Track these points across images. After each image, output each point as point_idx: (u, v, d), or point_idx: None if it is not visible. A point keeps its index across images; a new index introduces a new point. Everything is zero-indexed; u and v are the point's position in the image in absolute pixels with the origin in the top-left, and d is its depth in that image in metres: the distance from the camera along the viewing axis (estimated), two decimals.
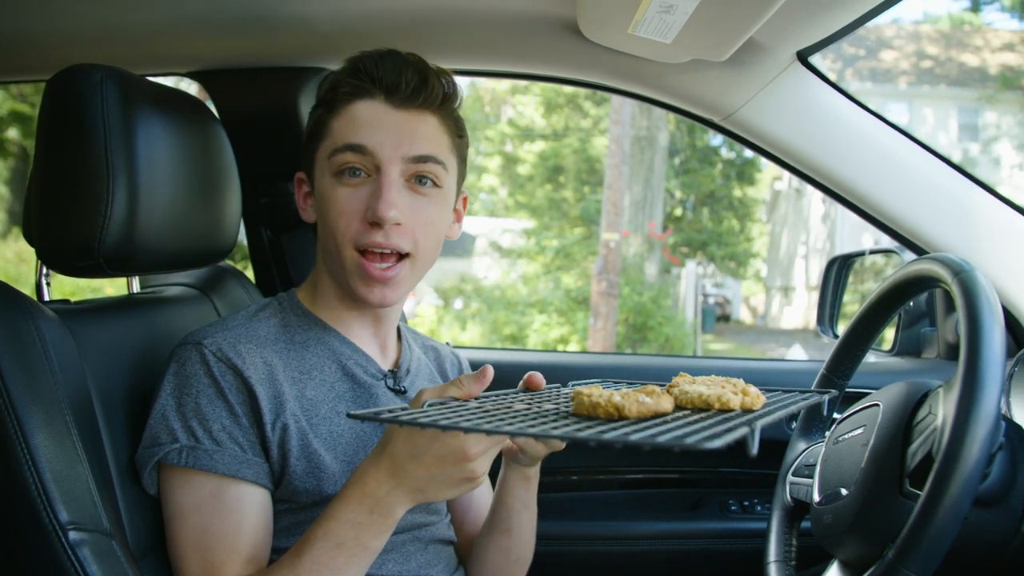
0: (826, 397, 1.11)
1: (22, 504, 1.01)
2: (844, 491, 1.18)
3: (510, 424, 0.86)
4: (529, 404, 1.05)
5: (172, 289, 1.63)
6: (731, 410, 0.97)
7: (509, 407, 1.01)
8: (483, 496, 1.58)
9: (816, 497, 1.27)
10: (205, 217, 1.44)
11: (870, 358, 2.00)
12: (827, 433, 1.40)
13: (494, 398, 1.10)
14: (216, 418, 1.18)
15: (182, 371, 1.20)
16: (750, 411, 0.98)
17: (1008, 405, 1.29)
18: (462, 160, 1.36)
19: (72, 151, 1.20)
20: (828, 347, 1.50)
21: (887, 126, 1.69)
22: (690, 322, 13.94)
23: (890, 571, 0.97)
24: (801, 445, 1.48)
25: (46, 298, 1.41)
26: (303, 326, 1.33)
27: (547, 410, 1.00)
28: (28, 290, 1.27)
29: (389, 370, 1.38)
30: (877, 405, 1.23)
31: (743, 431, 0.80)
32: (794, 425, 1.55)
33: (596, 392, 0.96)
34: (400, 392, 1.37)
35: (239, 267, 1.89)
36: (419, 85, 1.25)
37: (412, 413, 0.94)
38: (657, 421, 0.90)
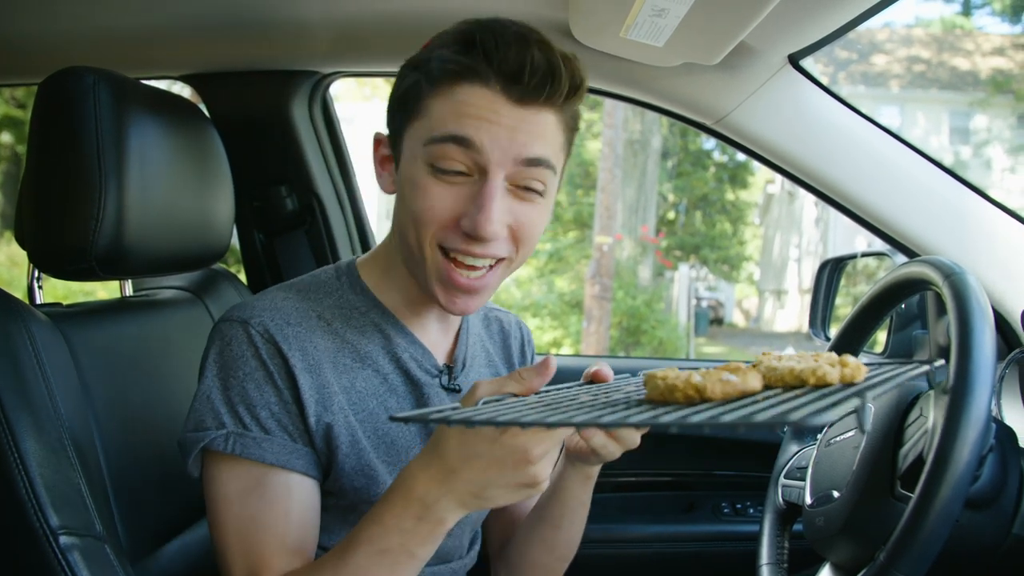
0: (931, 367, 1.02)
1: (12, 509, 1.00)
2: (836, 493, 1.18)
3: (575, 417, 0.74)
4: (596, 396, 0.91)
5: (165, 292, 1.63)
6: (828, 384, 0.85)
7: (573, 398, 0.89)
8: None
9: (808, 500, 1.27)
10: (198, 220, 1.44)
11: (862, 360, 2.00)
12: (819, 436, 1.40)
13: (555, 392, 0.97)
14: (264, 404, 1.08)
15: (227, 351, 1.10)
16: (851, 384, 0.87)
17: (999, 407, 1.30)
18: (570, 151, 1.18)
19: (64, 154, 1.20)
20: (821, 349, 1.50)
21: (879, 130, 1.69)
22: (683, 325, 13.96)
23: (881, 573, 0.97)
24: (793, 448, 1.48)
25: (38, 301, 1.41)
26: (361, 308, 1.20)
27: (616, 400, 0.87)
28: (20, 293, 1.26)
29: (444, 364, 1.26)
30: (869, 408, 1.23)
31: (853, 403, 0.70)
32: (785, 428, 1.56)
33: (672, 374, 0.82)
34: (454, 391, 1.25)
35: (232, 270, 1.89)
36: (544, 78, 1.03)
37: (464, 412, 0.80)
38: (746, 401, 0.77)
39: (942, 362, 1.03)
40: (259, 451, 1.07)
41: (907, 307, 2.00)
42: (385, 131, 1.19)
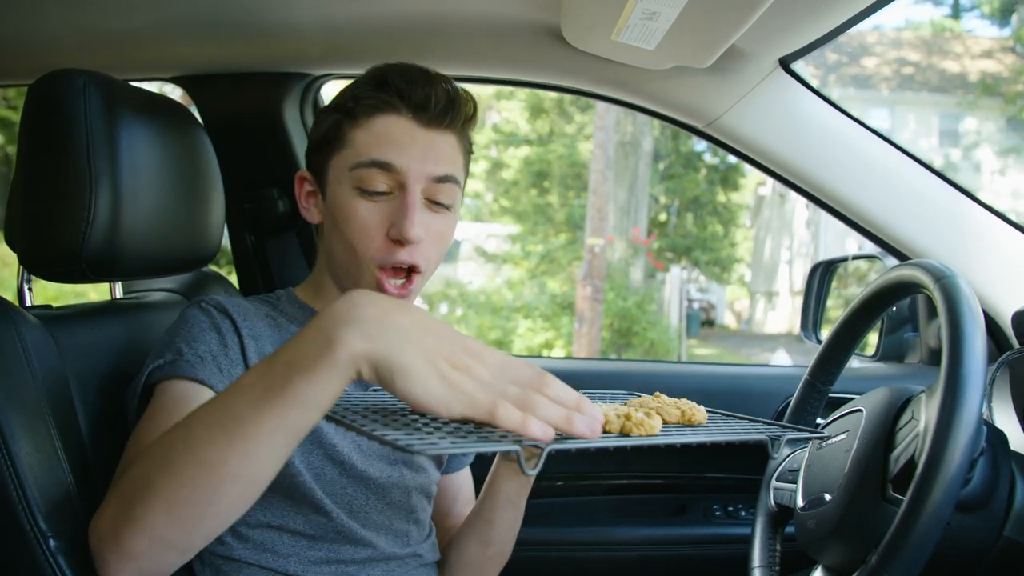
0: (768, 438, 0.99)
1: (2, 511, 1.00)
2: (827, 496, 1.18)
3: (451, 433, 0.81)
4: None
5: (155, 294, 1.62)
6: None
7: None
8: (470, 489, 1.59)
9: (800, 502, 1.27)
10: (188, 222, 1.43)
11: (853, 363, 2.01)
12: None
13: None
14: (204, 341, 1.18)
15: (179, 319, 1.23)
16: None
17: (990, 410, 1.30)
18: (467, 174, 1.37)
19: (54, 156, 1.20)
20: (812, 352, 1.50)
21: (869, 132, 1.70)
22: (675, 327, 13.97)
23: None
24: (785, 450, 1.48)
25: (28, 303, 1.40)
26: (300, 319, 1.33)
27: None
28: (10, 295, 1.26)
29: None
30: (860, 411, 1.24)
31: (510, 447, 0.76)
32: (785, 451, 1.56)
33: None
34: None
35: (223, 272, 1.88)
36: (447, 105, 1.24)
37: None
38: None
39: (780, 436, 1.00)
40: (192, 370, 1.13)
41: (898, 310, 2.01)
42: (305, 170, 1.36)
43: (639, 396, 1.19)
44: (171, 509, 0.83)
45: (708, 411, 1.11)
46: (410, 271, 1.26)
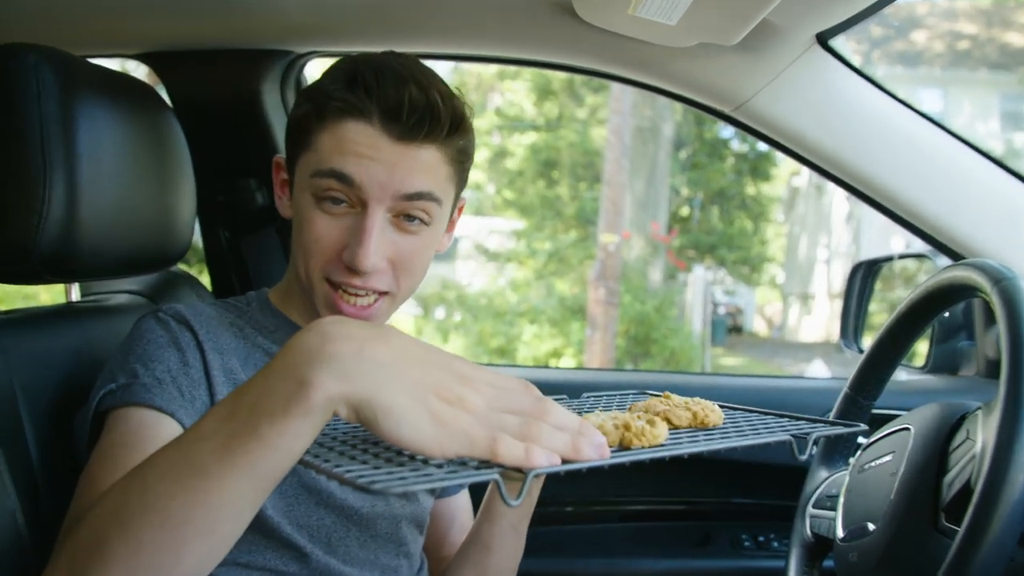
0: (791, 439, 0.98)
1: None
2: (871, 526, 1.17)
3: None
4: None
5: (117, 297, 1.62)
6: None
7: None
8: (468, 515, 1.58)
9: (840, 532, 1.26)
10: (155, 217, 1.43)
11: (900, 375, 2.00)
12: (851, 460, 1.39)
13: None
14: (162, 360, 1.16)
15: (133, 332, 1.22)
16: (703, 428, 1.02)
17: None
18: (463, 181, 1.33)
19: (4, 142, 1.19)
20: (853, 363, 1.50)
21: (919, 116, 1.69)
22: (698, 334, 13.96)
23: None
24: (822, 473, 1.47)
25: None
26: (270, 327, 1.33)
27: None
28: None
29: None
30: (908, 429, 1.23)
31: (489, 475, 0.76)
32: (814, 451, 1.55)
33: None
34: None
35: (194, 272, 1.88)
36: (423, 116, 1.18)
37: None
38: None
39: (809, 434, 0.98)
40: (148, 395, 1.11)
41: (951, 316, 2.00)
42: (283, 155, 1.35)
43: (647, 398, 1.18)
44: (130, 570, 0.80)
45: (724, 407, 1.10)
46: (379, 294, 1.26)
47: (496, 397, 0.82)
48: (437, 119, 1.19)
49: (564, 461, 0.80)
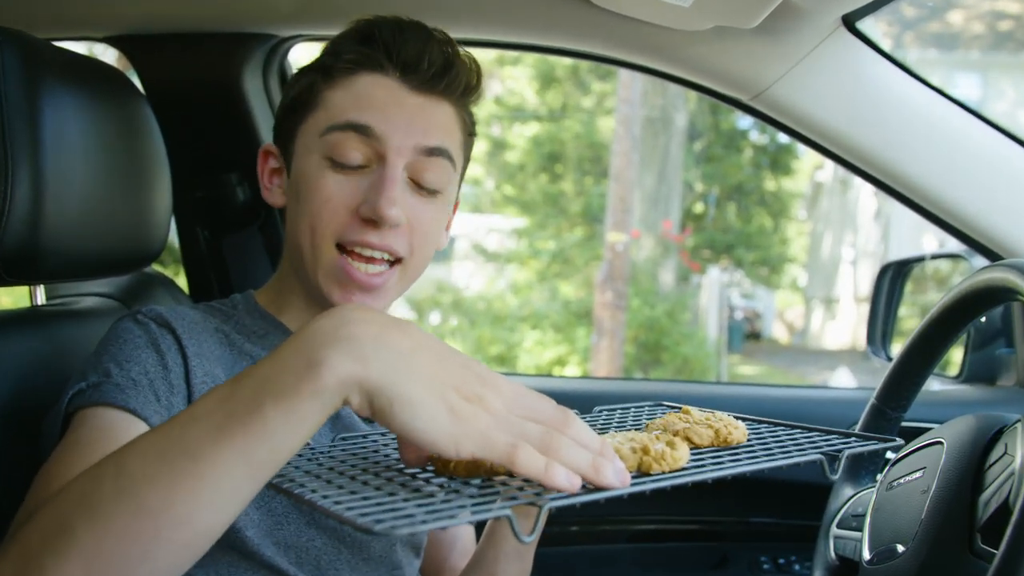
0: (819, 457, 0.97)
1: None
2: (900, 548, 1.17)
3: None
4: None
5: (86, 300, 1.62)
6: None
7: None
8: (470, 537, 1.59)
9: (866, 554, 1.26)
10: (128, 214, 1.43)
11: (932, 385, 2.00)
12: (879, 477, 1.39)
13: None
14: (138, 361, 1.15)
15: (109, 333, 1.21)
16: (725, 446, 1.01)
17: None
18: (467, 160, 1.37)
19: None
20: (881, 371, 1.49)
21: (954, 104, 1.69)
22: (713, 341, 13.96)
23: None
24: (847, 491, 1.47)
25: None
26: (259, 332, 1.33)
27: None
28: None
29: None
30: (940, 443, 1.23)
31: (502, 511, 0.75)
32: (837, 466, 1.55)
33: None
34: (368, 419, 1.34)
35: (169, 273, 1.88)
36: (443, 67, 1.25)
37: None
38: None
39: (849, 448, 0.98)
40: (121, 396, 1.10)
41: (988, 321, 2.00)
42: (271, 143, 1.37)
43: (664, 411, 1.18)
44: (91, 564, 0.77)
45: (747, 419, 1.10)
46: (392, 262, 1.26)
47: (517, 402, 0.83)
48: (457, 72, 1.26)
49: (583, 483, 0.81)
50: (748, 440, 1.04)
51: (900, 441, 1.08)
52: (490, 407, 0.80)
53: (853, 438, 1.04)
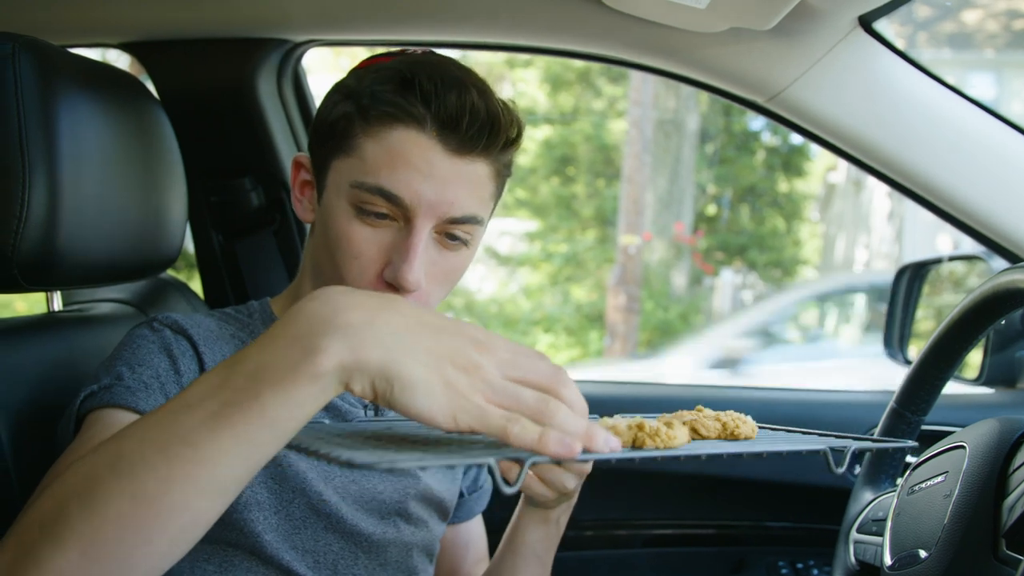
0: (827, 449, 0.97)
1: None
2: (923, 553, 1.16)
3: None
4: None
5: (102, 306, 1.62)
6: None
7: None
8: (483, 544, 1.60)
9: (887, 560, 1.25)
10: (143, 219, 1.43)
11: (951, 388, 1.99)
12: (900, 480, 1.38)
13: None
14: (150, 365, 1.16)
15: (124, 339, 1.22)
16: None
17: None
18: (501, 194, 1.34)
19: None
20: (899, 374, 1.49)
21: (971, 103, 1.68)
22: None
23: None
24: (867, 495, 1.46)
25: None
26: None
27: None
28: None
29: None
30: (962, 447, 1.22)
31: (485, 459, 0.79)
32: (857, 470, 1.54)
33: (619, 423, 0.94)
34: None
35: (182, 278, 1.88)
36: (484, 126, 1.19)
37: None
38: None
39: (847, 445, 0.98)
40: (132, 399, 1.11)
41: (1008, 323, 1.99)
42: (306, 153, 1.33)
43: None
44: (88, 551, 0.78)
45: (760, 427, 1.10)
46: None
47: (513, 363, 0.84)
48: (498, 130, 1.21)
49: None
50: (757, 438, 1.04)
51: (912, 443, 1.08)
52: (486, 375, 0.81)
53: (865, 442, 1.03)
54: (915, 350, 1.57)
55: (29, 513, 0.84)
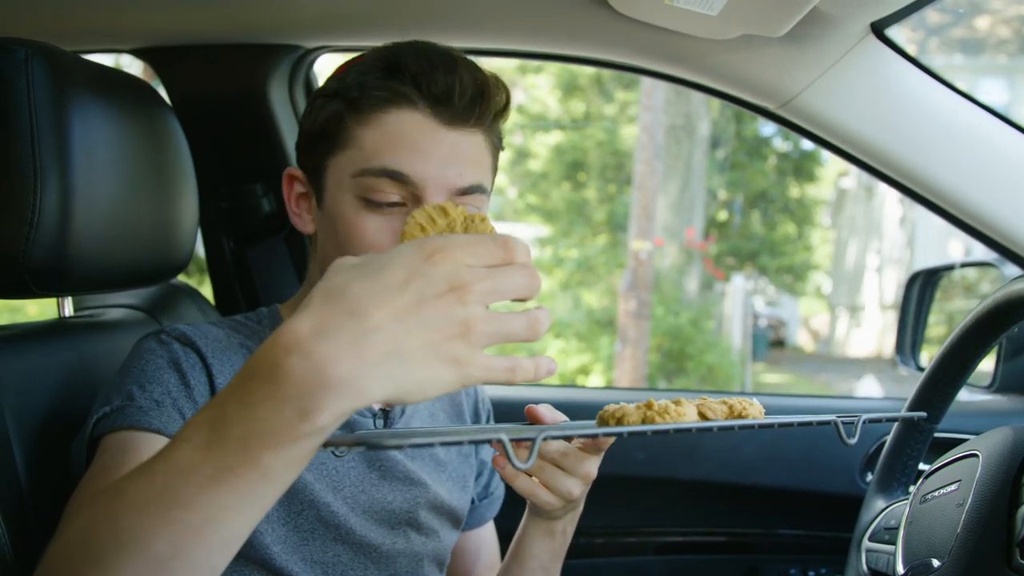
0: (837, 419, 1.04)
1: None
2: (936, 562, 1.16)
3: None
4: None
5: (113, 312, 1.62)
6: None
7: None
8: (493, 551, 1.60)
9: (900, 568, 1.25)
10: (155, 225, 1.43)
11: (963, 395, 1.98)
12: (912, 488, 1.38)
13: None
14: (161, 382, 1.16)
15: (132, 353, 1.22)
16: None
17: None
18: (495, 173, 1.36)
19: None
20: (910, 381, 1.48)
21: (983, 110, 1.67)
22: (737, 349, 13.92)
23: None
24: (880, 503, 1.46)
25: None
26: None
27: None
28: None
29: (380, 409, 1.34)
30: (975, 455, 1.21)
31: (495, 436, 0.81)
32: (870, 478, 1.54)
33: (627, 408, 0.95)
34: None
35: (193, 283, 1.88)
36: (475, 97, 1.22)
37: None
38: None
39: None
40: (145, 418, 1.11)
41: (1021, 330, 1.98)
42: (295, 167, 1.35)
43: None
44: None
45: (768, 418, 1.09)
46: None
47: (491, 288, 0.79)
48: (489, 99, 1.24)
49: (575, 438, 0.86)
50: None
51: (922, 414, 1.09)
52: (478, 328, 0.77)
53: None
54: (927, 357, 1.57)
55: (43, 569, 0.82)
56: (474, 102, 1.22)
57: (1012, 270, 1.78)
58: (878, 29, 1.61)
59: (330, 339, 0.73)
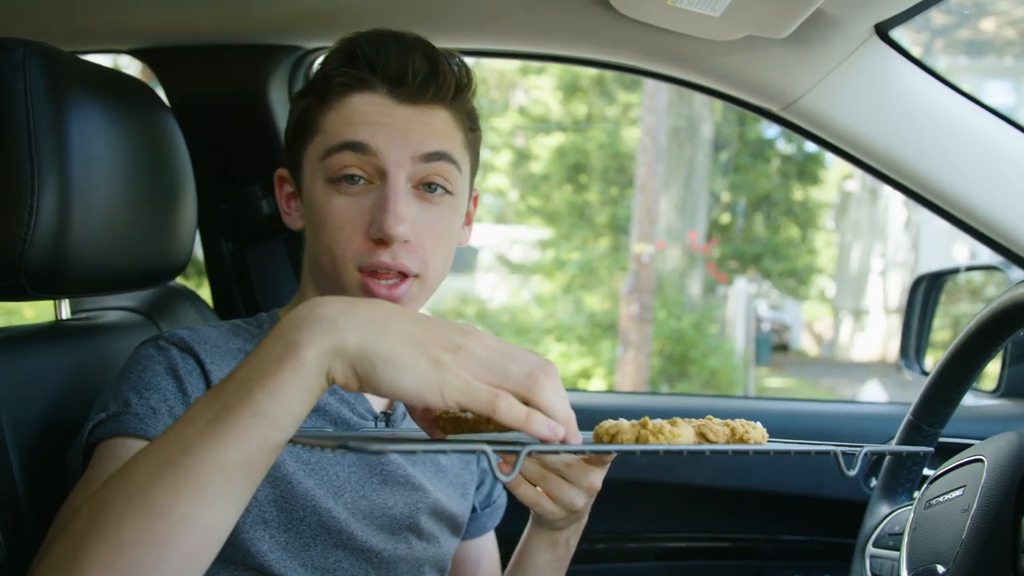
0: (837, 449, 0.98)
1: None
2: (940, 568, 1.16)
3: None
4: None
5: (111, 315, 1.62)
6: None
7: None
8: (494, 559, 1.59)
9: (904, 574, 1.24)
10: (153, 227, 1.43)
11: (969, 400, 1.98)
12: (917, 494, 1.38)
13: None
14: (158, 389, 1.17)
15: (130, 359, 1.23)
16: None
17: None
18: (475, 156, 1.38)
19: None
20: (915, 386, 1.48)
21: (988, 112, 1.67)
22: (740, 353, 13.91)
23: None
24: (884, 509, 1.46)
25: None
26: None
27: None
28: None
29: (382, 412, 1.36)
30: (981, 460, 1.21)
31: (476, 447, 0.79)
32: (874, 483, 1.53)
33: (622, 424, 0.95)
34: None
35: (191, 285, 1.88)
36: (428, 75, 1.26)
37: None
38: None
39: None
40: (140, 426, 1.12)
41: None
42: (284, 168, 1.40)
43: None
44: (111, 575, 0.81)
45: (772, 442, 1.09)
46: (406, 275, 1.27)
47: (500, 349, 0.86)
48: (444, 79, 1.28)
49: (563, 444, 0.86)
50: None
51: (927, 448, 1.08)
52: (472, 353, 0.84)
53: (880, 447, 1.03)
54: (932, 361, 1.56)
55: (49, 555, 0.86)
56: (428, 80, 1.26)
57: (1017, 274, 1.78)
58: (882, 31, 1.61)
59: (333, 299, 0.86)
